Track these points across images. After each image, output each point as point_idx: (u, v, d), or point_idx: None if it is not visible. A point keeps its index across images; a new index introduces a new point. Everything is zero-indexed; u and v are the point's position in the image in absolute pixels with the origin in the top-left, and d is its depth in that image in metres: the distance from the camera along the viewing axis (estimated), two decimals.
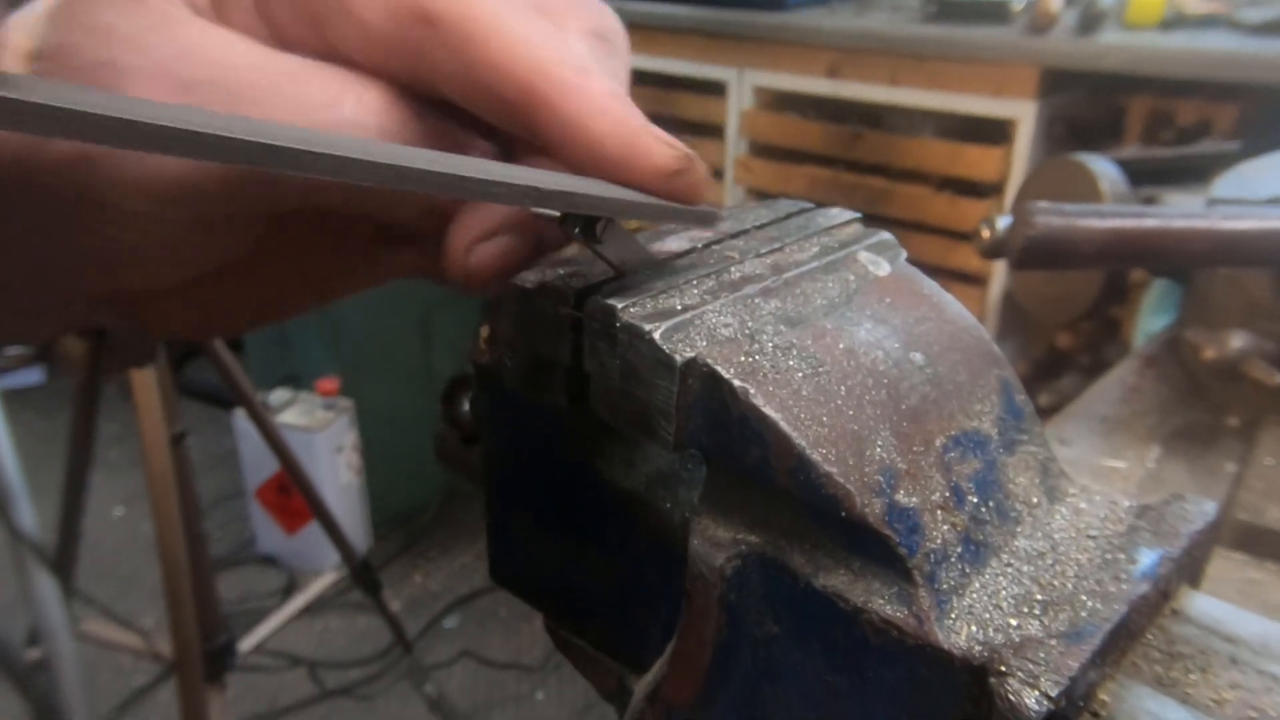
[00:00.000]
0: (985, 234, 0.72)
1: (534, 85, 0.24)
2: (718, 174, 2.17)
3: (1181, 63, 1.62)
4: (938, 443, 0.24)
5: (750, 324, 0.25)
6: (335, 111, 0.24)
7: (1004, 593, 0.23)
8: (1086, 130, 1.78)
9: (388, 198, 0.27)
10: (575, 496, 0.30)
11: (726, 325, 0.25)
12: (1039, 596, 0.23)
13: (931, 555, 0.22)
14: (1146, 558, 0.23)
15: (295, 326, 2.34)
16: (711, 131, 2.18)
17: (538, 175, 0.24)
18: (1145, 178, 0.89)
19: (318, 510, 1.79)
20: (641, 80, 2.09)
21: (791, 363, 0.24)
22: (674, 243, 0.29)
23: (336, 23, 0.25)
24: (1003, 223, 0.71)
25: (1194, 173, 0.93)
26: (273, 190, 0.25)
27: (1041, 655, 0.20)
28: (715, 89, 2.17)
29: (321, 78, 0.24)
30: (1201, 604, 0.25)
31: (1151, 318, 1.05)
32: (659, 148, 0.25)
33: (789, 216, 0.32)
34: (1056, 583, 0.23)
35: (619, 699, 0.31)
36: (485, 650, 2.16)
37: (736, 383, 0.23)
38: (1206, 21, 1.76)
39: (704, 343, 0.24)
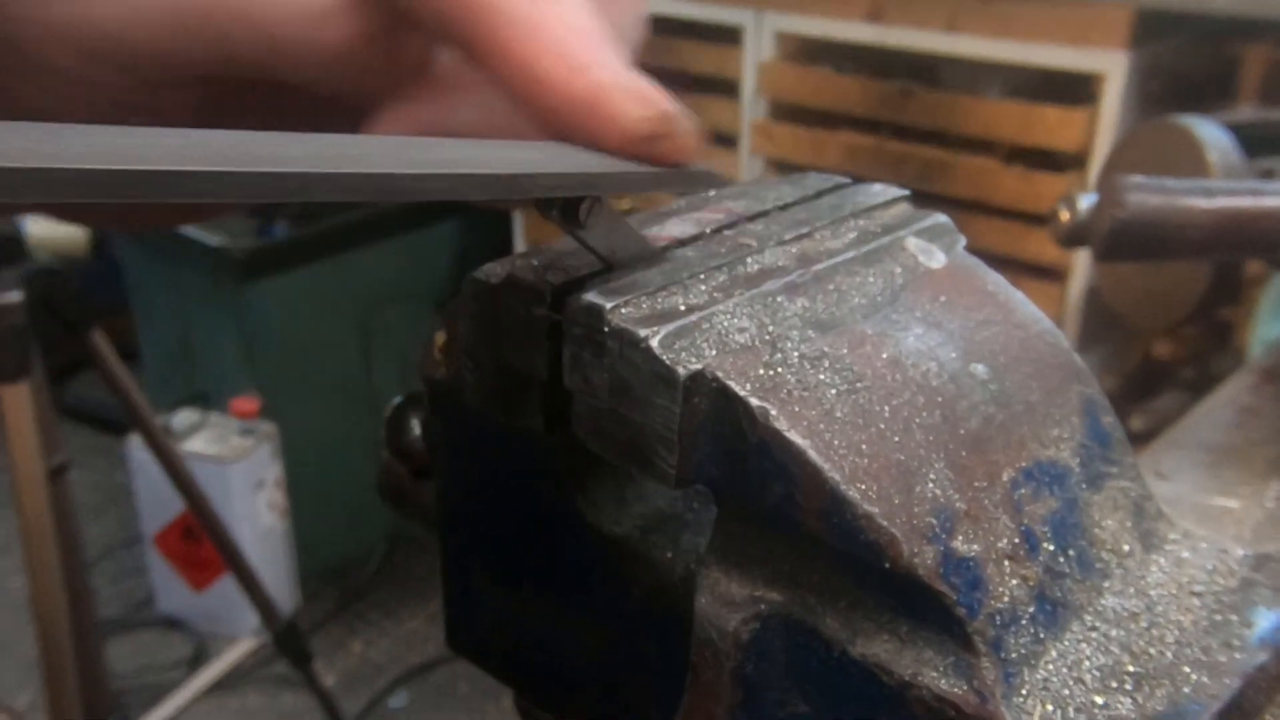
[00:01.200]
0: (1065, 216, 0.73)
1: (472, 9, 0.24)
2: (729, 141, 2.17)
3: None
4: (1005, 476, 0.24)
5: (771, 328, 0.25)
6: None
7: (1087, 663, 0.23)
8: (1190, 87, 1.79)
9: (323, 68, 0.28)
10: (552, 544, 0.30)
11: (742, 330, 0.25)
12: (1131, 668, 0.23)
13: (997, 617, 0.22)
14: (1265, 620, 0.23)
15: (203, 332, 2.34)
16: (723, 88, 2.18)
17: (477, 152, 0.23)
18: (1263, 146, 0.89)
19: (232, 561, 1.79)
20: None
21: (823, 377, 0.24)
22: (677, 227, 0.29)
23: None
24: (1086, 202, 0.71)
25: None
26: (205, 47, 0.26)
27: None
28: (728, 36, 2.17)
29: None
30: None
31: (1271, 322, 1.05)
32: (627, 106, 0.24)
33: (820, 194, 0.32)
34: (1153, 651, 0.23)
35: None
36: None
37: (754, 401, 0.23)
38: None
39: (713, 352, 0.24)
